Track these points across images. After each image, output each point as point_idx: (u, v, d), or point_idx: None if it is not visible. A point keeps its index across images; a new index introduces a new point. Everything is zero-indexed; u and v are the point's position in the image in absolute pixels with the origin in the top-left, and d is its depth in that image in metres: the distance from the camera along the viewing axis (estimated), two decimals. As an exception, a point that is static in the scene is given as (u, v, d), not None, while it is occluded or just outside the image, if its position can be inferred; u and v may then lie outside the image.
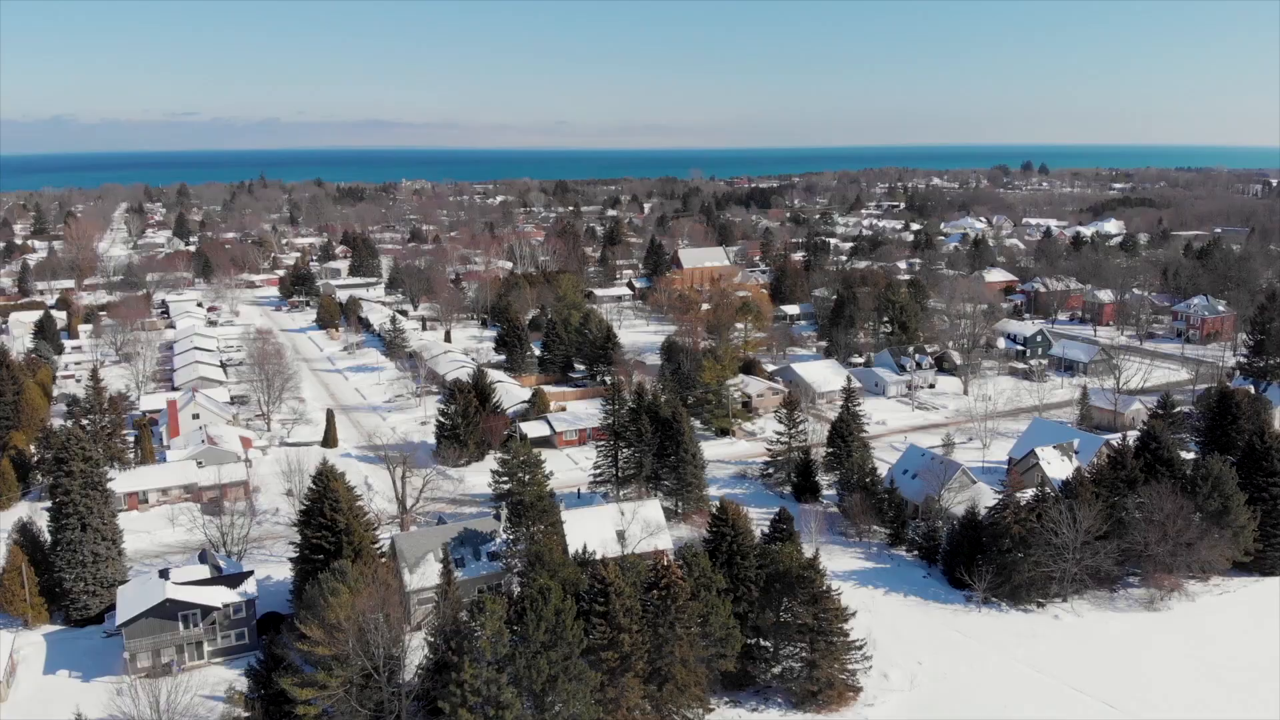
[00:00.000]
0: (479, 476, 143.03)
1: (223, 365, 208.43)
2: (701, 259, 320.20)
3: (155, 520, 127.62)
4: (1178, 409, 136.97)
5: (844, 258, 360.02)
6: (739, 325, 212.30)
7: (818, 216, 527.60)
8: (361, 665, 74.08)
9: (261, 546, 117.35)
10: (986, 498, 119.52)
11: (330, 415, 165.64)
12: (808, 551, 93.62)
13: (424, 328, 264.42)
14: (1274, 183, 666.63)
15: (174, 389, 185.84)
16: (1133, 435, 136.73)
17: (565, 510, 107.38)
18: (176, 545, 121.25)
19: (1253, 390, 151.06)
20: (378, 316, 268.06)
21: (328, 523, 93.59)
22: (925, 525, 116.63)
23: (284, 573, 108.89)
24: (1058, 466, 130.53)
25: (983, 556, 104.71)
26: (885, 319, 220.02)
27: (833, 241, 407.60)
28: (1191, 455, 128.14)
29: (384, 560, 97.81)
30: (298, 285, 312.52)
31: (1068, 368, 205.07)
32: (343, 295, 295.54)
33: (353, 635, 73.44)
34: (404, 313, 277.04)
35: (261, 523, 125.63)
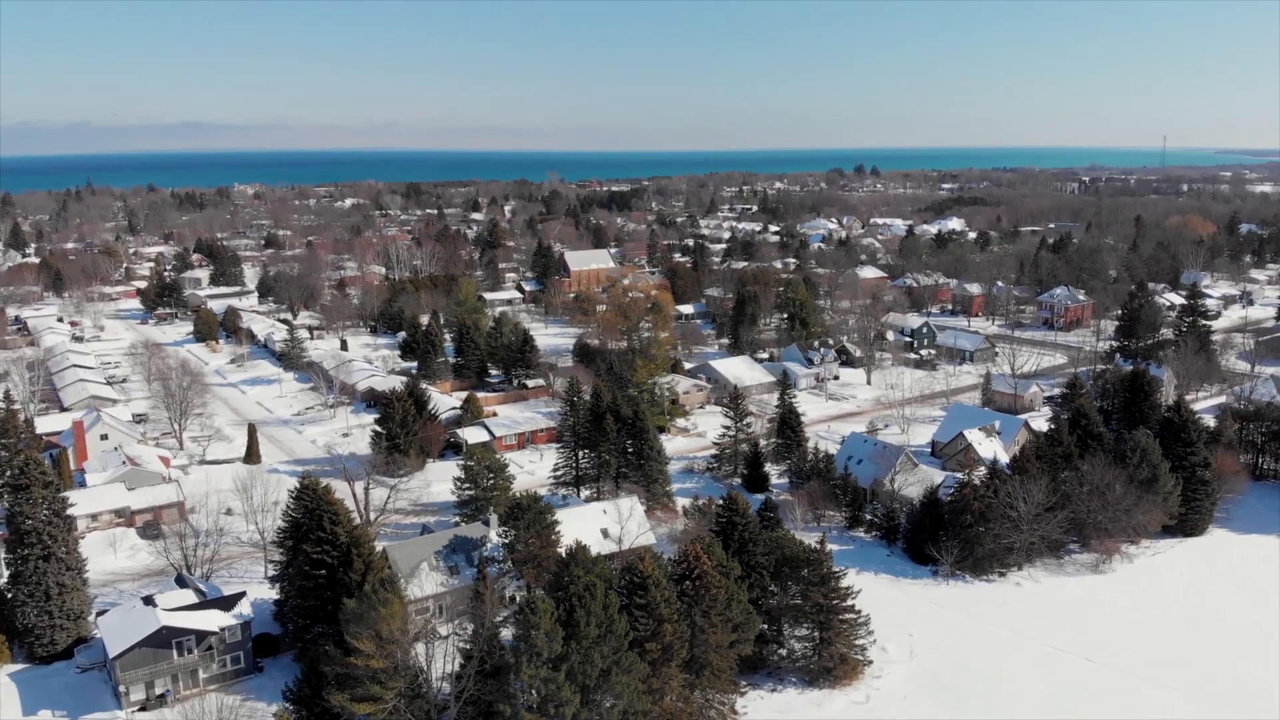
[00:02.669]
0: (423, 486, 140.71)
1: (108, 382, 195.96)
2: (588, 261, 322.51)
3: (91, 547, 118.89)
4: (1084, 390, 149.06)
5: (717, 259, 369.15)
6: (646, 325, 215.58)
7: (683, 219, 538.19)
8: (412, 676, 73.15)
9: (225, 567, 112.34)
10: (933, 479, 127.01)
11: (252, 430, 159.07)
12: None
13: (311, 337, 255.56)
14: (1088, 180, 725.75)
15: (64, 410, 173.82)
16: (1043, 415, 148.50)
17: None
18: (123, 572, 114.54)
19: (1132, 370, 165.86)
20: (260, 327, 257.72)
21: (328, 537, 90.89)
22: (883, 507, 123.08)
23: (255, 592, 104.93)
24: (986, 446, 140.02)
25: (945, 533, 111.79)
26: (785, 315, 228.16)
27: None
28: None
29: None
30: (163, 296, 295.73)
31: (957, 356, 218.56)
32: (213, 306, 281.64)
33: (403, 646, 72.43)
34: (286, 322, 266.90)
35: (208, 544, 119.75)
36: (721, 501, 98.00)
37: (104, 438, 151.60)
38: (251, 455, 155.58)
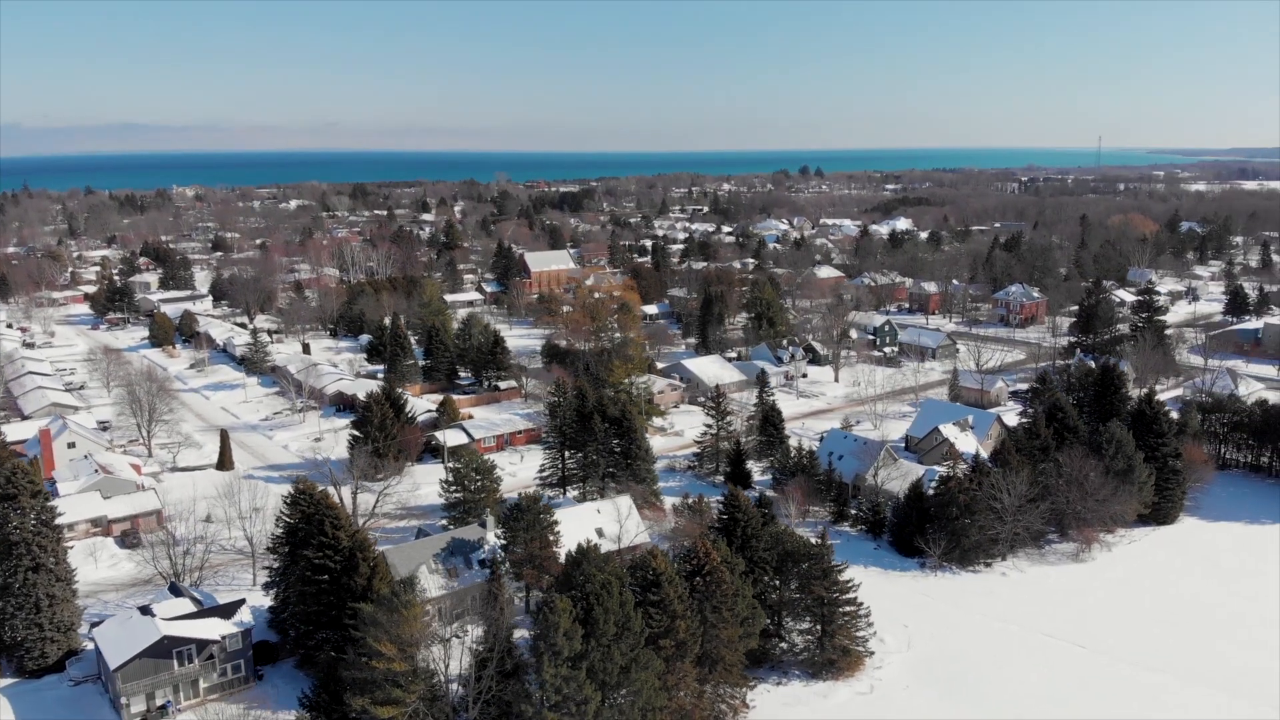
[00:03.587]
0: (411, 489, 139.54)
1: (67, 389, 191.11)
2: (548, 262, 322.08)
3: (71, 558, 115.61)
4: (1052, 384, 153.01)
5: (675, 260, 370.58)
6: (613, 325, 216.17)
7: (637, 220, 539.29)
8: (429, 677, 72.99)
9: (212, 575, 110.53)
10: (915, 472, 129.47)
11: (224, 436, 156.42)
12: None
13: (271, 340, 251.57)
14: (1026, 180, 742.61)
15: (24, 418, 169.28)
16: (1011, 409, 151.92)
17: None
18: (106, 582, 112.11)
19: (1101, 364, 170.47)
20: (218, 331, 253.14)
21: (330, 541, 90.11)
22: (868, 501, 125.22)
23: (248, 599, 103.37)
24: (962, 441, 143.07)
25: (932, 525, 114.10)
26: (752, 315, 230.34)
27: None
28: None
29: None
30: (114, 301, 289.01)
31: (920, 353, 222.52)
32: (166, 310, 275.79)
33: (424, 647, 72.25)
34: (243, 325, 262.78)
35: (193, 552, 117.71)
36: (721, 499, 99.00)
37: (71, 446, 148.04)
38: (224, 462, 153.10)
